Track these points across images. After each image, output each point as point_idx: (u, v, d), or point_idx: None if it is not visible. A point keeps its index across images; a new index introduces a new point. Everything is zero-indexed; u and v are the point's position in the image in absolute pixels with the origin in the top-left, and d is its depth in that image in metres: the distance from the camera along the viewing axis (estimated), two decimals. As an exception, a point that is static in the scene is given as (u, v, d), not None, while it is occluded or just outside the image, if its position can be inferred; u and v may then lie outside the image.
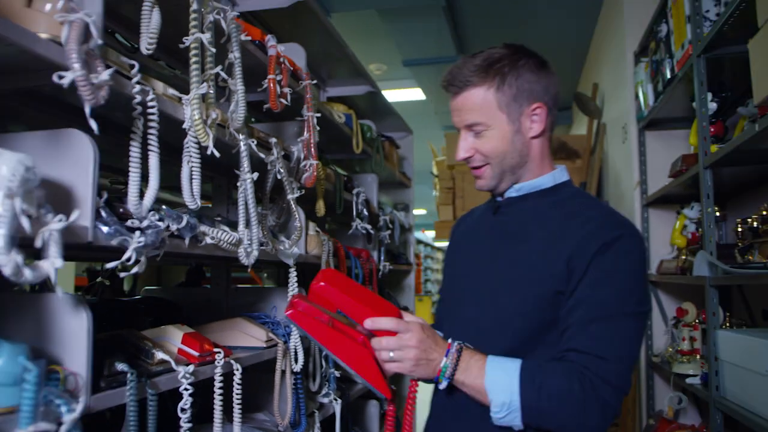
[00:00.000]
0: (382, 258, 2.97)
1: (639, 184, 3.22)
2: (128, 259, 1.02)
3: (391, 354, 1.03)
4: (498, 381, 1.00)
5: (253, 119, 2.34)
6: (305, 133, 1.88)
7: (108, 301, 1.85)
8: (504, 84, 1.13)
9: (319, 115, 1.90)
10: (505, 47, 1.16)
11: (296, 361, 1.73)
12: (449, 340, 1.07)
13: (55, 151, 1.00)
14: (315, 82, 1.91)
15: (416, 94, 6.02)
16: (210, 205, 2.05)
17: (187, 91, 1.27)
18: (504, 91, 1.13)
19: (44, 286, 1.07)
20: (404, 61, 4.99)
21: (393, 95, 6.00)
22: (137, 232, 1.05)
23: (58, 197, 0.98)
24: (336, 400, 2.08)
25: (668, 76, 2.62)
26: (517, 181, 1.19)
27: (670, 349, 2.68)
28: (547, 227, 1.12)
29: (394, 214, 3.29)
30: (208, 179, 1.99)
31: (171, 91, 1.27)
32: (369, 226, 2.55)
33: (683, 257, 2.52)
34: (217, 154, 1.28)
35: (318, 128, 1.90)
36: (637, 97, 3.19)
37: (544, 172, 1.20)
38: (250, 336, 1.61)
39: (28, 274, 0.81)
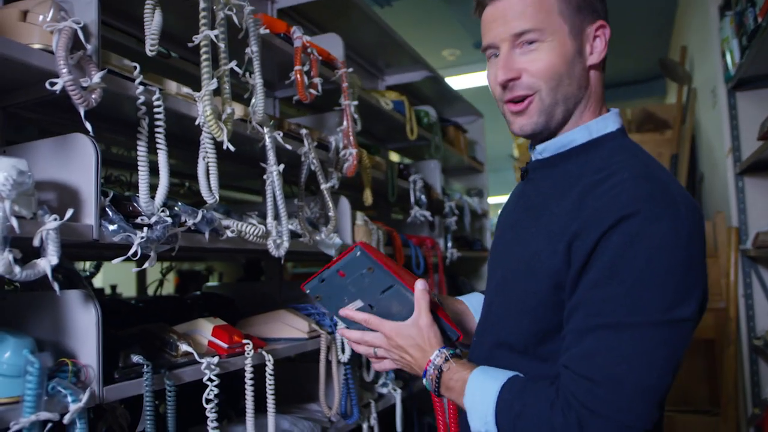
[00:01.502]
0: (449, 245, 2.91)
1: (731, 152, 2.93)
2: (135, 254, 1.06)
3: (374, 350, 0.97)
4: (475, 406, 0.84)
5: (306, 113, 2.37)
6: (344, 122, 1.87)
7: (167, 298, 1.94)
8: None
9: (356, 103, 1.88)
10: None
11: (343, 351, 1.73)
12: (435, 351, 0.91)
13: (62, 155, 1.05)
14: (352, 70, 1.89)
15: (494, 76, 5.84)
16: (261, 200, 2.09)
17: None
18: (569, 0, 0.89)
19: (71, 284, 1.13)
20: (475, 44, 4.85)
21: (469, 80, 5.85)
22: (144, 228, 1.09)
23: (65, 198, 1.03)
24: (395, 390, 2.06)
25: (752, 27, 2.35)
26: (557, 129, 0.93)
27: (772, 331, 2.42)
28: (563, 202, 0.87)
29: (463, 200, 3.21)
30: (256, 175, 2.03)
31: (185, 89, 1.30)
32: (428, 213, 2.50)
33: (777, 228, 2.26)
34: (231, 148, 1.30)
35: (356, 116, 1.88)
36: (724, 56, 2.91)
37: (582, 121, 0.93)
38: (292, 327, 1.63)
39: (18, 271, 0.86)
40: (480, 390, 0.85)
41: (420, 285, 0.94)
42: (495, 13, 0.91)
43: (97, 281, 3.31)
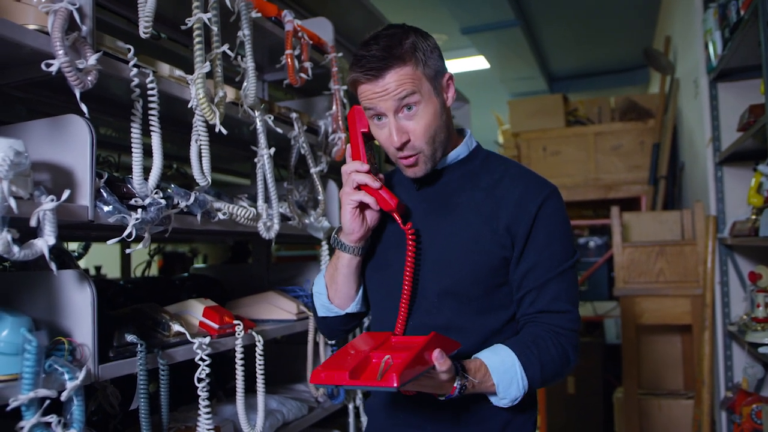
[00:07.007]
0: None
1: (711, 141, 2.99)
2: (129, 236, 1.07)
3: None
4: (506, 382, 1.04)
5: (295, 97, 2.37)
6: (333, 106, 1.88)
7: (156, 279, 1.95)
8: (424, 60, 1.08)
9: (345, 88, 1.89)
10: (393, 28, 1.11)
11: (331, 332, 1.75)
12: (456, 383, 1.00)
13: (56, 137, 1.06)
14: (341, 54, 1.90)
15: (480, 62, 5.86)
16: (249, 183, 2.11)
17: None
18: (427, 66, 1.08)
19: (63, 264, 1.15)
20: (462, 29, 4.85)
21: (456, 65, 5.87)
22: (139, 210, 1.10)
23: (59, 179, 1.04)
24: (381, 371, 2.09)
25: (734, 19, 2.40)
26: (444, 155, 1.18)
27: (745, 317, 2.50)
28: (477, 197, 1.15)
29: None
30: (244, 158, 2.04)
31: (178, 72, 1.31)
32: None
33: (753, 217, 2.32)
34: (224, 131, 1.31)
35: (345, 101, 1.90)
36: (706, 47, 2.95)
37: (458, 142, 1.20)
38: (281, 309, 1.65)
39: (17, 251, 0.87)
40: (502, 367, 1.05)
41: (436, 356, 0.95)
42: (375, 88, 1.07)
43: (81, 262, 3.30)
